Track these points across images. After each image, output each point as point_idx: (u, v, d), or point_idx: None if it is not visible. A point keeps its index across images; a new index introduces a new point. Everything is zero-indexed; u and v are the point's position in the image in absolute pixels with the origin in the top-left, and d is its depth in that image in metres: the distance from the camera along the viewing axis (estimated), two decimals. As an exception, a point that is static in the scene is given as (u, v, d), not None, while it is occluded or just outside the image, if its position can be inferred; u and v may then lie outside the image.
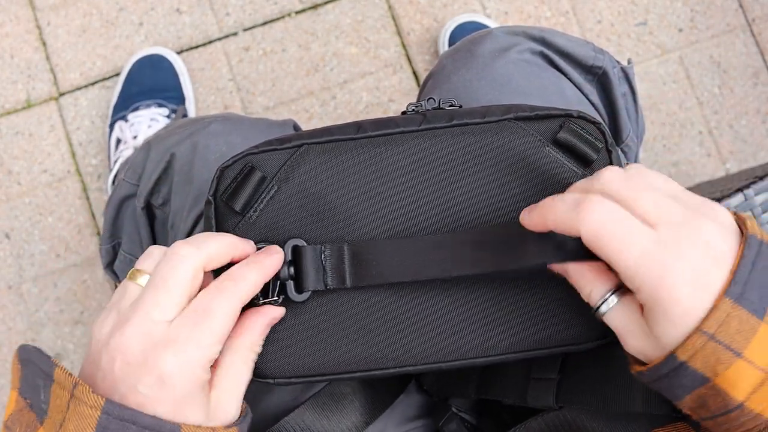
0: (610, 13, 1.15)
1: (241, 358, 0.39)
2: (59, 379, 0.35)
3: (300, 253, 0.42)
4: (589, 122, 0.44)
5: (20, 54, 1.16)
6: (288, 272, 0.42)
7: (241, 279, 0.38)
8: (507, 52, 0.58)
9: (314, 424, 0.49)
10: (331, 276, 0.42)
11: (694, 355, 0.33)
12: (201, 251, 0.38)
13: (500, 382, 0.50)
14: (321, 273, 0.42)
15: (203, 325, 0.36)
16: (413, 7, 1.15)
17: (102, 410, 0.34)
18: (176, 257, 0.37)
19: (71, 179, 1.14)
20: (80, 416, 0.34)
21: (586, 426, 0.45)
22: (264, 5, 1.15)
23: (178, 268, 0.37)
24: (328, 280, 0.42)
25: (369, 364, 0.43)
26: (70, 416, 0.34)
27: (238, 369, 0.39)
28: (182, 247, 0.38)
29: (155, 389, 0.35)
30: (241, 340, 0.39)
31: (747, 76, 1.14)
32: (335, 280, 0.42)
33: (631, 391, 0.43)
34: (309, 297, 0.43)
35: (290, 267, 0.42)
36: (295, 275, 0.42)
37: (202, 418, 0.36)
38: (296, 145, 0.44)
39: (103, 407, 0.34)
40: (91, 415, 0.34)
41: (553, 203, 0.36)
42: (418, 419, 0.55)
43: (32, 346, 0.37)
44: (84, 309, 1.12)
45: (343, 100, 1.14)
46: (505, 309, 0.43)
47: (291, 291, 0.42)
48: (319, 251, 0.42)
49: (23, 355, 0.37)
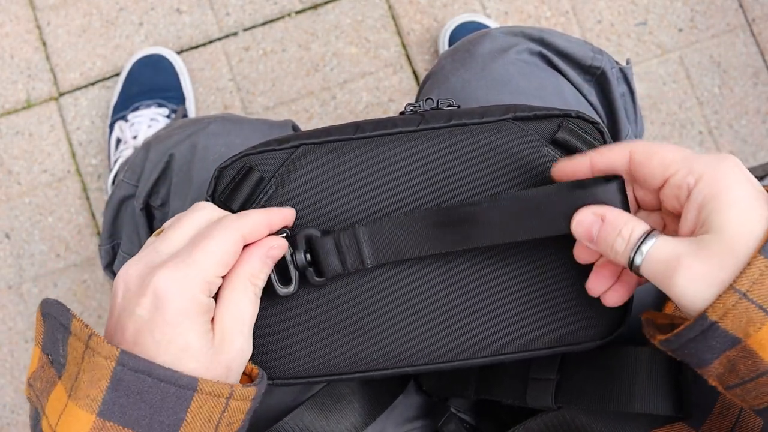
0: (610, 13, 1.15)
1: (241, 290, 0.38)
2: (75, 331, 0.35)
3: (314, 241, 0.42)
4: (587, 122, 0.44)
5: (20, 54, 1.16)
6: (305, 259, 0.42)
7: (245, 215, 0.39)
8: (506, 53, 0.58)
9: (313, 425, 0.49)
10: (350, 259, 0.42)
11: (725, 314, 0.32)
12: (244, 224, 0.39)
13: (499, 382, 0.50)
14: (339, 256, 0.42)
15: (199, 246, 0.36)
16: (413, 7, 1.15)
17: (117, 361, 0.33)
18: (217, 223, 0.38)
19: (71, 179, 1.14)
20: (95, 367, 0.33)
21: (585, 426, 0.45)
22: (264, 5, 1.15)
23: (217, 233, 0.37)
24: (347, 263, 0.42)
25: (368, 364, 0.43)
26: (84, 367, 0.34)
27: (238, 301, 0.38)
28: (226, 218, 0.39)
29: (152, 309, 0.35)
30: (238, 271, 0.39)
31: (747, 76, 1.14)
32: (355, 262, 0.42)
33: (630, 391, 0.43)
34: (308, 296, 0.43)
35: (306, 254, 0.42)
36: (313, 262, 0.42)
37: (204, 343, 0.36)
38: (294, 146, 0.44)
39: (118, 358, 0.33)
40: (105, 366, 0.33)
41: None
42: (417, 420, 0.55)
43: (54, 300, 0.37)
44: (84, 309, 1.12)
45: (343, 100, 1.14)
46: (504, 309, 0.43)
47: (312, 278, 0.42)
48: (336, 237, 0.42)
49: (45, 308, 0.37)
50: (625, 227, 0.36)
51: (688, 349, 0.35)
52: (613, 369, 0.44)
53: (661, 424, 0.44)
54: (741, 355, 0.33)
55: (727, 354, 0.33)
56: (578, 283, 0.42)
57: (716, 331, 0.33)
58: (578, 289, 0.43)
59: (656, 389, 0.43)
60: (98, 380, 0.33)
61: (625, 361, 0.44)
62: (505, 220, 0.39)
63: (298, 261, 0.42)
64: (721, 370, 0.34)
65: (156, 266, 0.36)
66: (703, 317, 0.33)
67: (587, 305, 0.43)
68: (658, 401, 0.42)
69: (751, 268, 0.32)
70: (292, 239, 0.42)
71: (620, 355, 0.44)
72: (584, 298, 0.42)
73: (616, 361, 0.44)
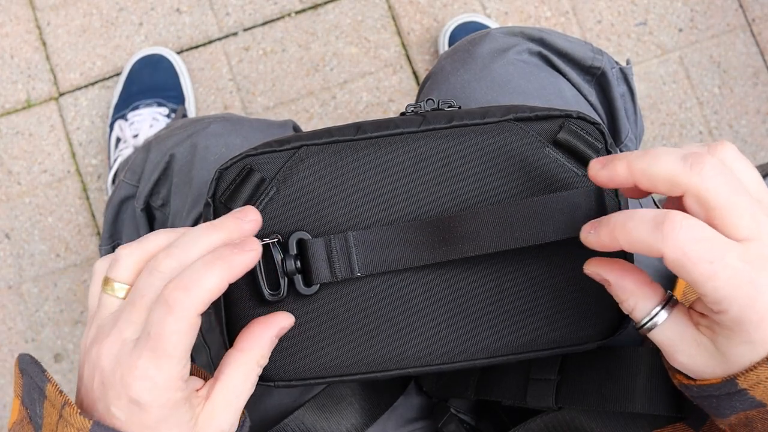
0: (610, 13, 1.15)
1: (243, 373, 0.37)
2: (50, 396, 0.34)
3: (306, 246, 0.42)
4: (588, 123, 0.43)
5: (20, 54, 1.16)
6: (295, 266, 0.42)
7: (195, 287, 0.33)
8: (506, 53, 0.58)
9: (314, 426, 0.49)
10: (339, 266, 0.42)
11: (756, 384, 0.32)
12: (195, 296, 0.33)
13: (500, 383, 0.49)
14: (329, 264, 0.41)
15: (158, 350, 0.33)
16: (413, 7, 1.15)
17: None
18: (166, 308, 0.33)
19: (71, 179, 1.14)
20: None
21: (585, 427, 0.45)
22: (264, 5, 1.15)
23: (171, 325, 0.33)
24: (336, 271, 0.42)
25: (369, 366, 0.43)
26: None
27: (237, 383, 0.36)
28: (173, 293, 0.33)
29: (129, 413, 0.33)
30: (246, 356, 0.37)
31: (747, 76, 1.14)
32: (344, 270, 0.42)
33: (631, 391, 0.43)
34: (309, 297, 0.43)
35: (297, 260, 0.42)
36: (302, 268, 0.42)
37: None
38: (295, 147, 0.44)
39: (90, 430, 0.33)
40: None
41: (627, 221, 0.33)
42: (417, 421, 0.55)
43: (29, 357, 0.36)
44: (84, 309, 1.12)
45: (343, 100, 1.14)
46: (505, 311, 0.43)
47: (300, 285, 0.42)
48: (327, 242, 0.42)
49: (22, 364, 0.36)
50: (626, 302, 0.35)
51: (707, 402, 0.34)
52: (614, 369, 0.44)
53: (662, 425, 0.44)
54: (761, 417, 0.33)
55: (747, 413, 0.33)
56: (579, 284, 0.42)
57: (743, 396, 0.32)
58: (579, 290, 0.42)
59: (657, 389, 0.42)
60: None
61: (625, 362, 0.44)
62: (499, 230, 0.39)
63: (287, 267, 0.41)
64: (736, 422, 0.34)
65: (125, 365, 0.33)
66: (732, 382, 0.32)
67: (588, 306, 0.43)
68: (658, 401, 0.42)
69: None
70: (283, 244, 0.42)
71: (621, 356, 0.44)
72: (585, 299, 0.42)
73: (617, 361, 0.44)
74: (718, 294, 0.31)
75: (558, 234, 0.38)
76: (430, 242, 0.41)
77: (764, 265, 0.31)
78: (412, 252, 0.41)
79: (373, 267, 0.41)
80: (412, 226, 0.41)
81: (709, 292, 0.31)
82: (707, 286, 0.31)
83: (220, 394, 0.36)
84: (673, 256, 0.31)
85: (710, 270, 0.30)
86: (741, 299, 0.31)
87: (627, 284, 0.35)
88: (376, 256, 0.41)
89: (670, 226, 0.31)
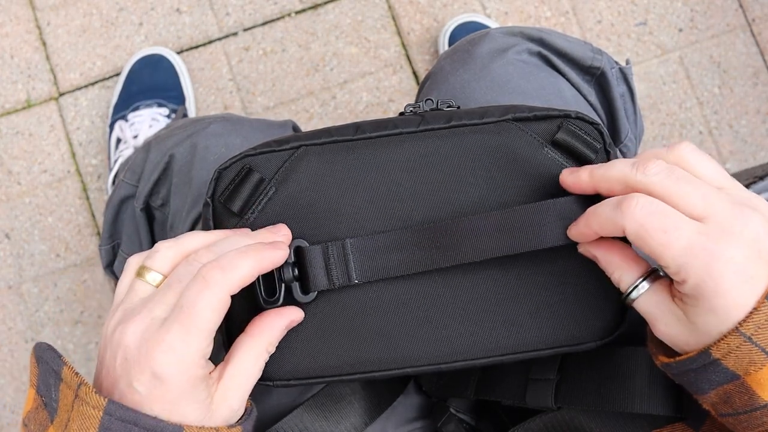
0: (610, 13, 1.15)
1: (254, 358, 0.39)
2: (66, 378, 0.36)
3: (304, 253, 0.42)
4: (587, 123, 0.43)
5: (20, 54, 1.16)
6: (292, 273, 0.42)
7: (231, 269, 0.36)
8: (505, 53, 0.58)
9: (313, 425, 0.49)
10: (336, 274, 0.42)
11: (728, 353, 0.33)
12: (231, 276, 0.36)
13: (499, 382, 0.50)
14: (326, 272, 0.42)
15: (189, 323, 0.35)
16: (413, 7, 1.15)
17: (104, 411, 0.34)
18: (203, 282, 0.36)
19: (71, 179, 1.14)
20: (83, 416, 0.34)
21: (584, 427, 0.45)
22: (264, 5, 1.15)
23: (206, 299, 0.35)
24: (334, 278, 0.42)
25: (369, 366, 0.43)
26: (74, 416, 0.34)
27: (248, 367, 0.39)
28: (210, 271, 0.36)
29: (150, 387, 0.35)
30: (256, 340, 0.39)
31: (747, 76, 1.14)
32: (341, 278, 0.42)
33: (630, 391, 0.43)
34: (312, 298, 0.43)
35: (294, 268, 0.42)
36: (300, 276, 0.42)
37: (202, 414, 0.36)
38: (294, 147, 0.44)
39: (105, 408, 0.34)
40: (93, 416, 0.34)
41: (596, 209, 0.37)
42: (417, 420, 0.55)
43: (46, 344, 0.37)
44: (84, 309, 1.12)
45: (343, 100, 1.14)
46: (505, 310, 0.43)
47: (297, 293, 0.42)
48: (325, 250, 0.42)
49: (38, 352, 0.37)
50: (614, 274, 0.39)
51: (687, 377, 0.36)
52: (613, 369, 0.44)
53: (662, 425, 0.44)
54: (737, 390, 0.34)
55: (724, 387, 0.35)
56: (578, 284, 0.42)
57: (717, 367, 0.34)
58: (578, 290, 0.43)
59: (656, 389, 0.43)
60: (87, 429, 0.34)
61: (625, 362, 0.44)
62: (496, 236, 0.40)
63: (285, 275, 0.41)
64: (716, 399, 0.36)
65: (151, 340, 0.35)
66: (706, 353, 0.34)
67: (587, 306, 0.43)
68: (657, 401, 0.42)
69: (758, 314, 0.33)
70: None
71: (620, 356, 0.44)
72: (584, 298, 0.42)
73: (616, 361, 0.44)
74: (676, 262, 0.34)
75: (554, 240, 0.40)
76: (426, 249, 0.41)
77: (720, 237, 0.33)
78: (409, 259, 0.42)
79: (371, 274, 0.42)
80: (408, 233, 0.42)
81: (669, 261, 0.34)
82: (666, 255, 0.34)
83: (231, 376, 0.38)
84: (632, 228, 0.34)
85: (665, 239, 0.34)
86: (698, 268, 0.33)
87: (614, 258, 0.39)
88: (373, 263, 0.42)
89: (628, 203, 0.35)
